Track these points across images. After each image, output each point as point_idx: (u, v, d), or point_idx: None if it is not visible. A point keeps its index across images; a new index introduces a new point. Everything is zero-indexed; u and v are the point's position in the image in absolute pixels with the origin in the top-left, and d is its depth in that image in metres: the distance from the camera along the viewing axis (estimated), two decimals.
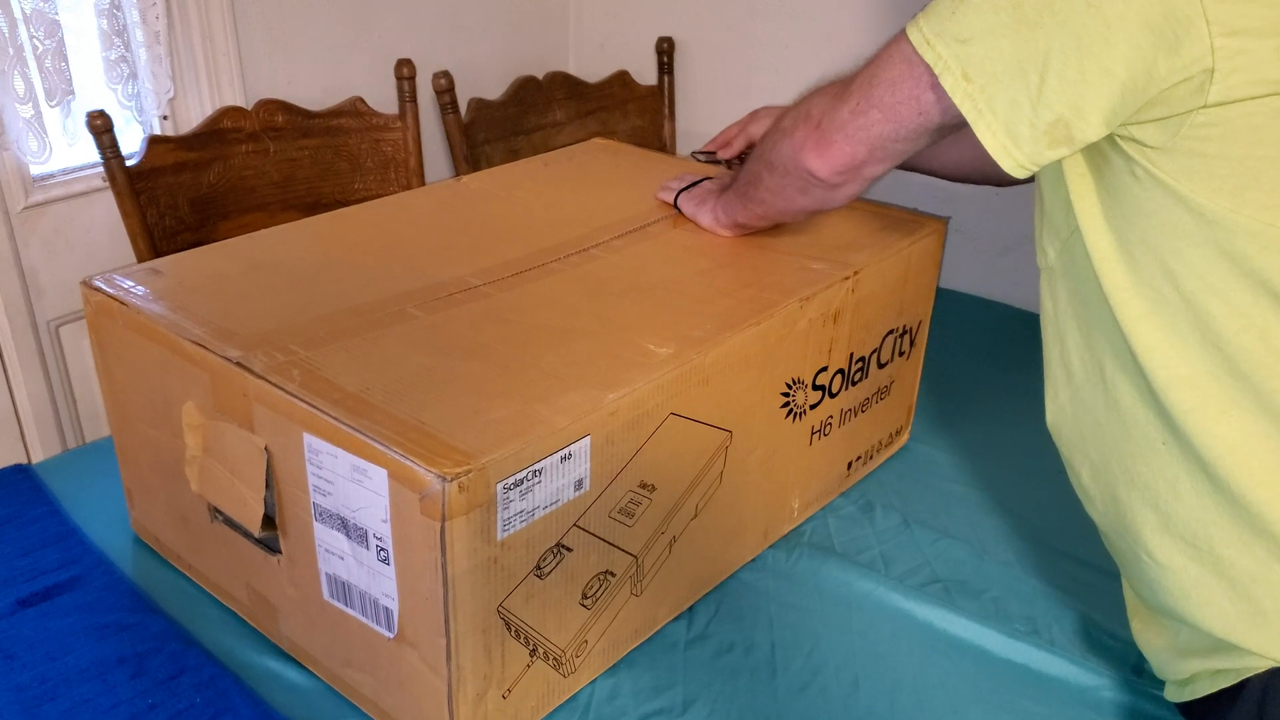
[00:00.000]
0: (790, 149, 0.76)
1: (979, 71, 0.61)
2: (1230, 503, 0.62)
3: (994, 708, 0.77)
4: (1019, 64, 0.60)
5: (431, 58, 1.78)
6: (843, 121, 0.71)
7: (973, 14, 0.61)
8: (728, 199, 0.93)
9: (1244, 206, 0.57)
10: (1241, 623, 0.64)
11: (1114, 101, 0.58)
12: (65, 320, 1.58)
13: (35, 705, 0.73)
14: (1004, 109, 0.61)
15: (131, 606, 0.83)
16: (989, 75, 0.61)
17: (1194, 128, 0.57)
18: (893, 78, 0.67)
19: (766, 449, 0.86)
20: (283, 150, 1.53)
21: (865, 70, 0.70)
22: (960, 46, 0.62)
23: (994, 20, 0.60)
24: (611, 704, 0.76)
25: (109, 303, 0.80)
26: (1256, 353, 0.59)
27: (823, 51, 1.82)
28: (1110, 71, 0.57)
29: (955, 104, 0.63)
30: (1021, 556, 0.92)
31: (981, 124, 0.62)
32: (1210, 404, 0.61)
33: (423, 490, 0.61)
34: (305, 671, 0.78)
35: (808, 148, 0.74)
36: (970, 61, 0.62)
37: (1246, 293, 0.59)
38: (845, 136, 0.71)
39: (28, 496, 0.95)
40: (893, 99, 0.67)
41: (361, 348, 0.74)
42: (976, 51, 0.61)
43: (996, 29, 0.60)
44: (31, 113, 1.43)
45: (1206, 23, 0.55)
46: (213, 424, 0.75)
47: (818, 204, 0.80)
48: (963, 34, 0.62)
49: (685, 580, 0.84)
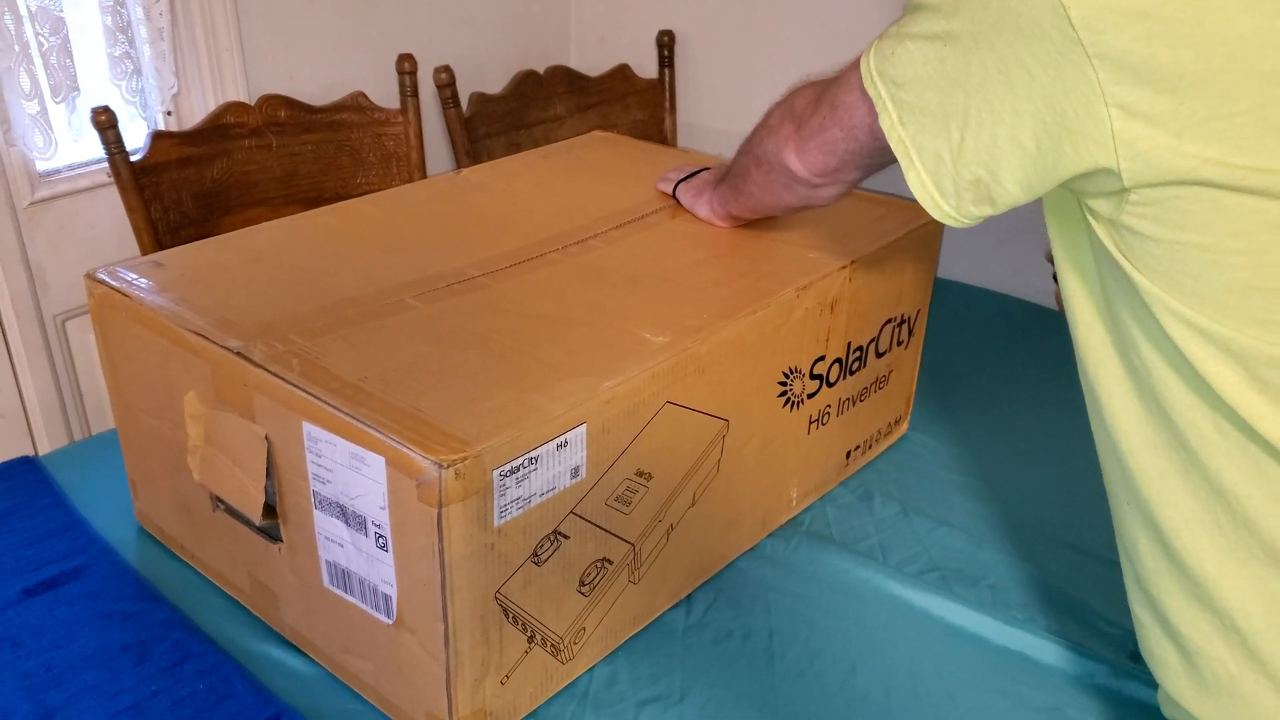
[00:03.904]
0: (775, 146, 0.76)
1: (910, 118, 0.61)
2: (1180, 573, 0.61)
3: (991, 694, 0.77)
4: (943, 118, 0.59)
5: (433, 52, 1.78)
6: (814, 130, 0.72)
7: (906, 59, 0.60)
8: (723, 190, 0.93)
9: (1173, 290, 0.55)
10: (1190, 689, 0.63)
11: (1027, 172, 0.57)
12: (71, 314, 1.59)
13: (41, 692, 0.74)
14: (930, 160, 0.60)
15: (135, 595, 0.84)
16: (918, 124, 0.60)
17: (1131, 205, 0.55)
18: (848, 103, 0.67)
19: (764, 438, 0.87)
20: (285, 145, 1.53)
21: (832, 84, 0.69)
22: (895, 90, 0.61)
23: (923, 70, 0.59)
24: (610, 690, 0.77)
25: (112, 295, 0.81)
26: (1203, 429, 0.57)
27: (823, 43, 1.82)
28: (1019, 143, 0.56)
29: (892, 148, 0.62)
30: (1019, 545, 0.93)
31: (911, 172, 0.62)
32: (1169, 474, 0.60)
33: (419, 477, 0.62)
34: (306, 658, 0.79)
35: (790, 147, 0.75)
36: (903, 107, 0.61)
37: (1188, 371, 0.57)
38: (818, 145, 0.72)
39: (34, 488, 0.96)
40: (849, 121, 0.68)
41: (360, 337, 0.75)
42: (908, 98, 0.61)
43: (925, 79, 0.59)
44: (37, 109, 1.44)
45: (1105, 105, 0.52)
46: (214, 414, 0.75)
47: (803, 200, 0.80)
48: (898, 77, 0.61)
49: (683, 568, 0.84)
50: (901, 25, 0.62)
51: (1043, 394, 1.16)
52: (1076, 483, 1.01)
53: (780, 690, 0.77)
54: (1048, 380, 1.18)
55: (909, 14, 0.61)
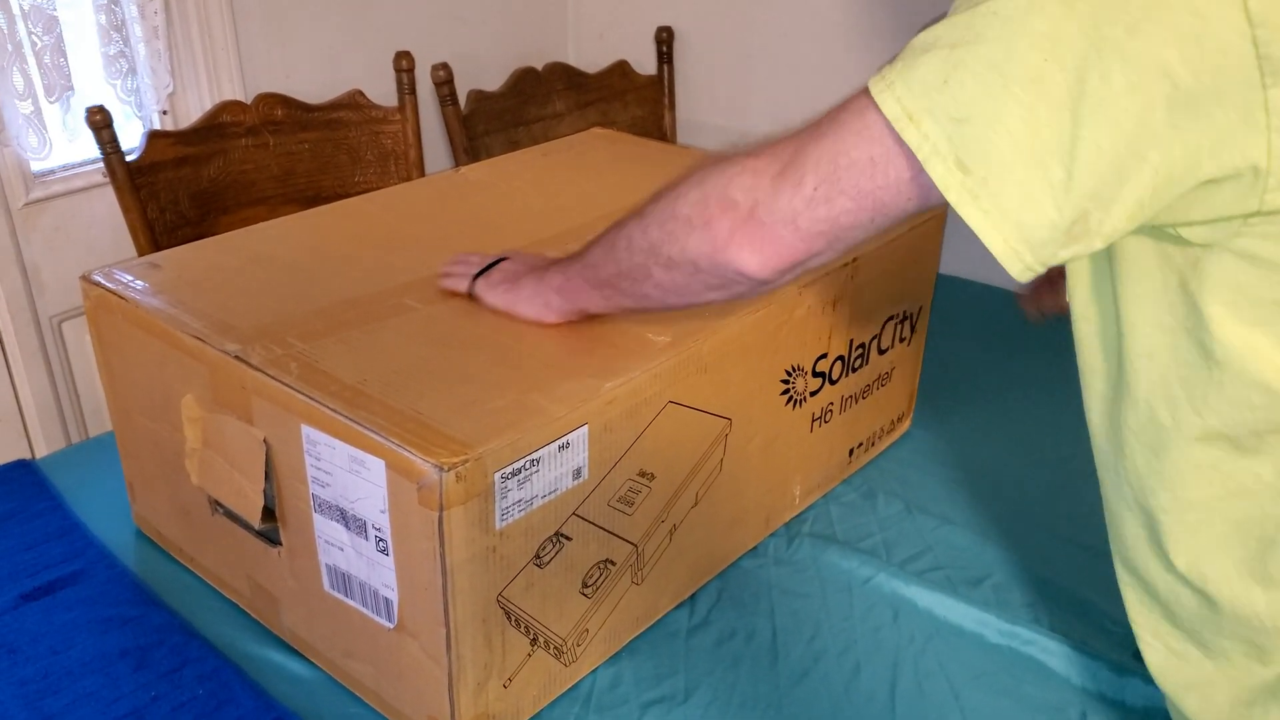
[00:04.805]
0: (707, 246, 0.60)
1: (981, 160, 0.49)
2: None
3: (995, 693, 0.77)
4: (1038, 154, 0.48)
5: (430, 50, 1.77)
6: (794, 211, 0.56)
7: (971, 85, 0.49)
8: (571, 287, 0.75)
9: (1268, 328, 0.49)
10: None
11: (1151, 194, 0.49)
12: (67, 316, 1.59)
13: (38, 699, 0.74)
14: (1016, 206, 0.49)
15: (134, 600, 0.83)
16: (996, 165, 0.49)
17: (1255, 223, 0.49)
18: (870, 157, 0.53)
19: (767, 436, 0.86)
20: (282, 144, 1.53)
21: (818, 142, 0.55)
22: (955, 127, 0.49)
23: (1003, 97, 0.48)
24: (613, 693, 0.76)
25: (108, 297, 0.80)
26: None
27: (822, 40, 1.81)
28: (1146, 159, 0.48)
29: (948, 199, 0.51)
30: (1023, 543, 0.92)
31: (988, 226, 0.50)
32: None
33: (420, 480, 0.61)
34: (307, 663, 0.78)
35: (738, 243, 0.58)
36: (969, 147, 0.49)
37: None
38: (797, 230, 0.56)
39: (31, 491, 0.95)
40: (871, 185, 0.53)
41: (359, 339, 0.74)
42: (978, 134, 0.49)
43: (1007, 107, 0.48)
44: (31, 109, 1.43)
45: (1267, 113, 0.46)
46: (212, 417, 0.75)
47: (735, 298, 0.65)
48: (959, 111, 0.49)
49: (686, 568, 0.84)
50: (943, 40, 0.50)
51: (1046, 391, 1.15)
52: (1080, 480, 1.00)
53: (784, 690, 0.76)
54: (1051, 377, 1.18)
55: (953, 23, 0.50)
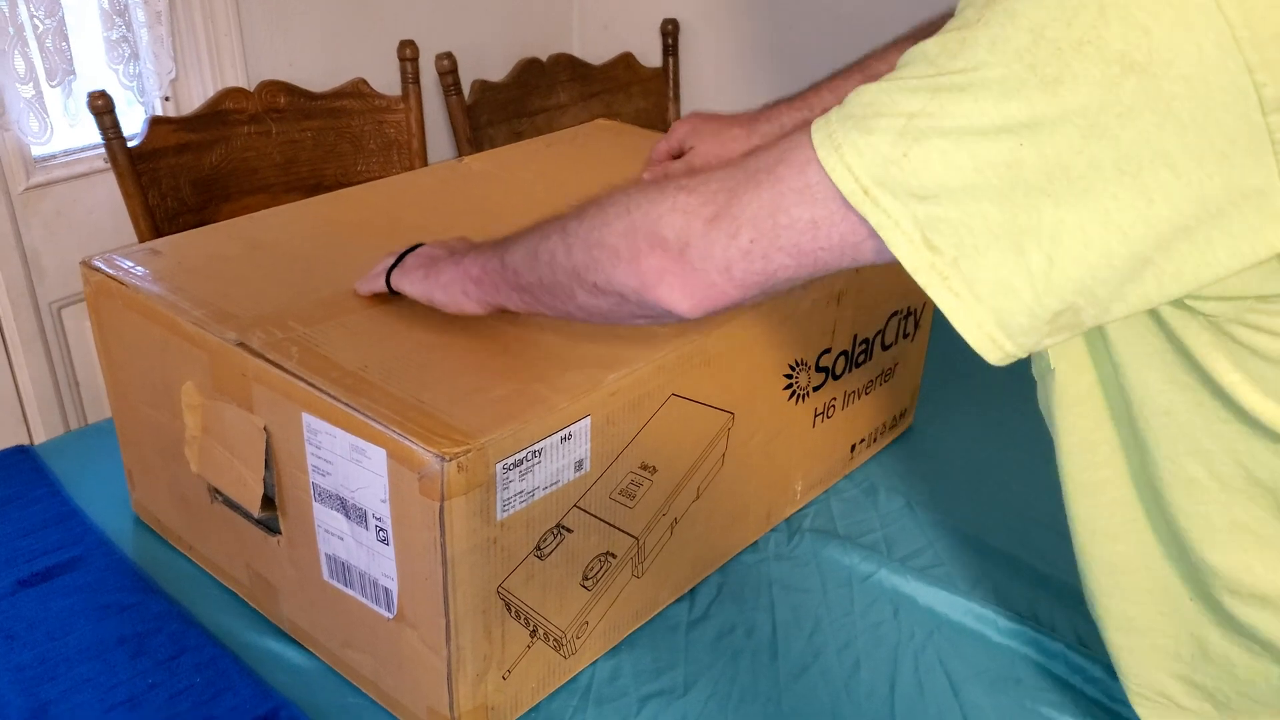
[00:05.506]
0: (634, 280, 0.56)
1: (950, 241, 0.46)
2: None
3: (994, 690, 0.77)
4: (1014, 238, 0.45)
5: (434, 39, 1.77)
6: (728, 260, 0.52)
7: (938, 163, 0.45)
8: (490, 283, 0.69)
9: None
10: None
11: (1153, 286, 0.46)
12: (67, 302, 1.58)
13: (35, 685, 0.73)
14: (991, 293, 0.46)
15: (132, 587, 0.83)
16: (967, 248, 0.45)
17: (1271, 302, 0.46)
18: (812, 219, 0.49)
19: (769, 431, 0.86)
20: (285, 132, 1.52)
21: (754, 193, 0.51)
22: (919, 205, 0.46)
23: (973, 178, 0.44)
24: (612, 685, 0.76)
25: (108, 283, 0.80)
26: None
27: (828, 32, 1.81)
28: (1140, 254, 0.44)
29: (916, 280, 0.47)
30: (1024, 540, 0.92)
31: (962, 311, 0.47)
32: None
33: (421, 470, 0.61)
34: (305, 652, 0.78)
35: (668, 284, 0.55)
36: (936, 227, 0.46)
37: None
38: (730, 278, 0.53)
39: (29, 477, 0.95)
40: (813, 245, 0.50)
41: (360, 326, 0.73)
42: (946, 215, 0.45)
43: (978, 189, 0.44)
44: (32, 93, 1.43)
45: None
46: (212, 404, 0.74)
47: (653, 323, 0.62)
48: (923, 189, 0.45)
49: (687, 562, 0.83)
50: (908, 108, 0.46)
51: None
52: None
53: (784, 685, 0.76)
54: None
55: (912, 88, 0.46)
